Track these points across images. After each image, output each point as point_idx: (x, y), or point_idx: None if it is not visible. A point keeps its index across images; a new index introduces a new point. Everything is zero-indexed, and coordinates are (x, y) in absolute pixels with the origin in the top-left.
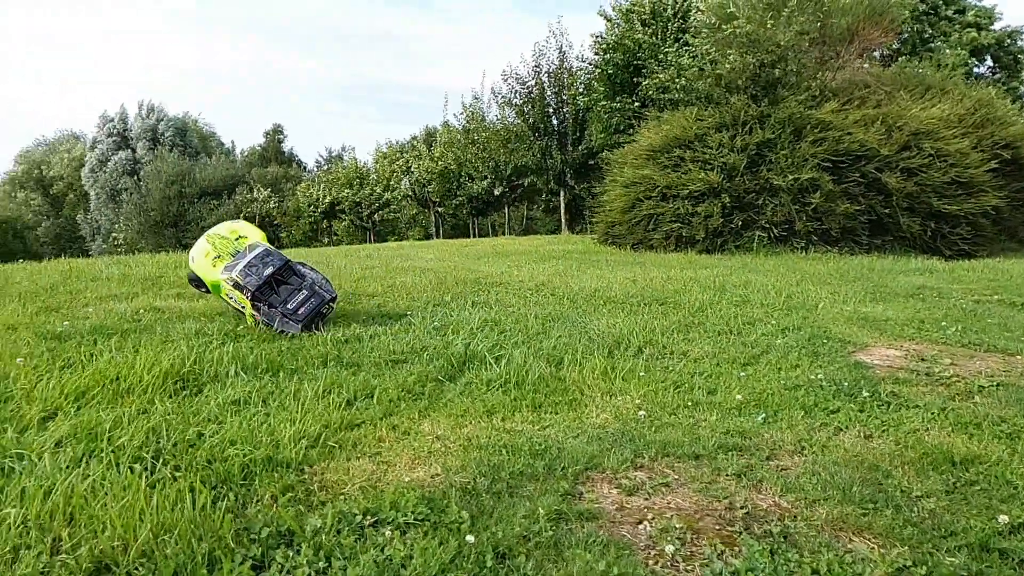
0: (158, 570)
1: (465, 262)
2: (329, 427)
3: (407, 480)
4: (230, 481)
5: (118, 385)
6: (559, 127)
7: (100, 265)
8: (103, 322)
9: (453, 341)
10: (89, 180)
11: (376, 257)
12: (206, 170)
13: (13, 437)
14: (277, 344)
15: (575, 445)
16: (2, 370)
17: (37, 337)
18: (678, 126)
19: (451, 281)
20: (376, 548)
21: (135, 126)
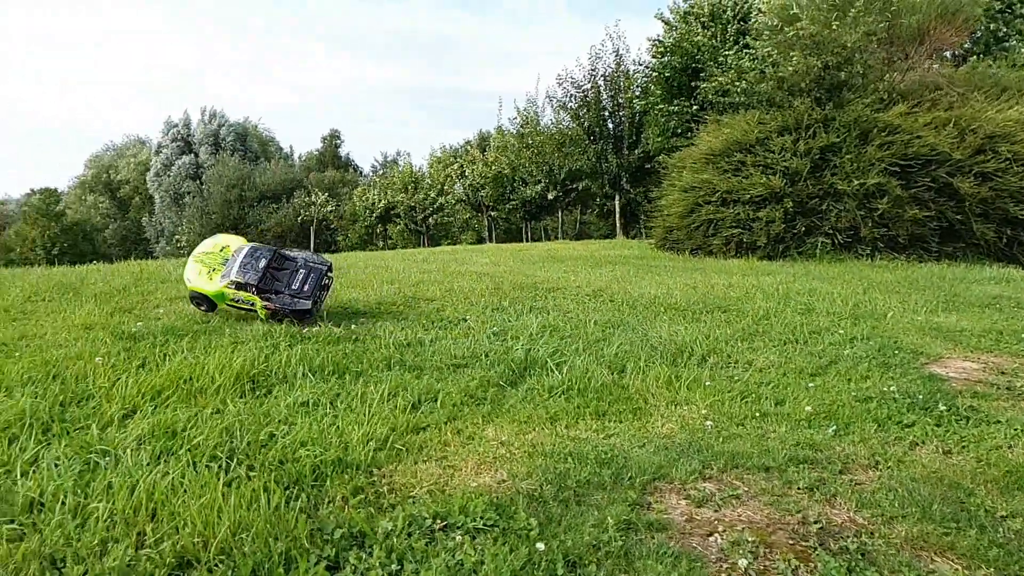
0: (237, 568)
1: (520, 267)
2: (396, 430)
3: (474, 485)
4: (302, 482)
5: (191, 385)
6: (615, 131)
7: (169, 267)
8: (174, 323)
9: (513, 346)
10: (154, 184)
11: (432, 261)
12: (265, 174)
13: (96, 433)
14: (342, 347)
15: (641, 455)
16: (82, 368)
17: (113, 337)
18: (739, 130)
19: (508, 286)
20: (447, 552)
21: (198, 131)
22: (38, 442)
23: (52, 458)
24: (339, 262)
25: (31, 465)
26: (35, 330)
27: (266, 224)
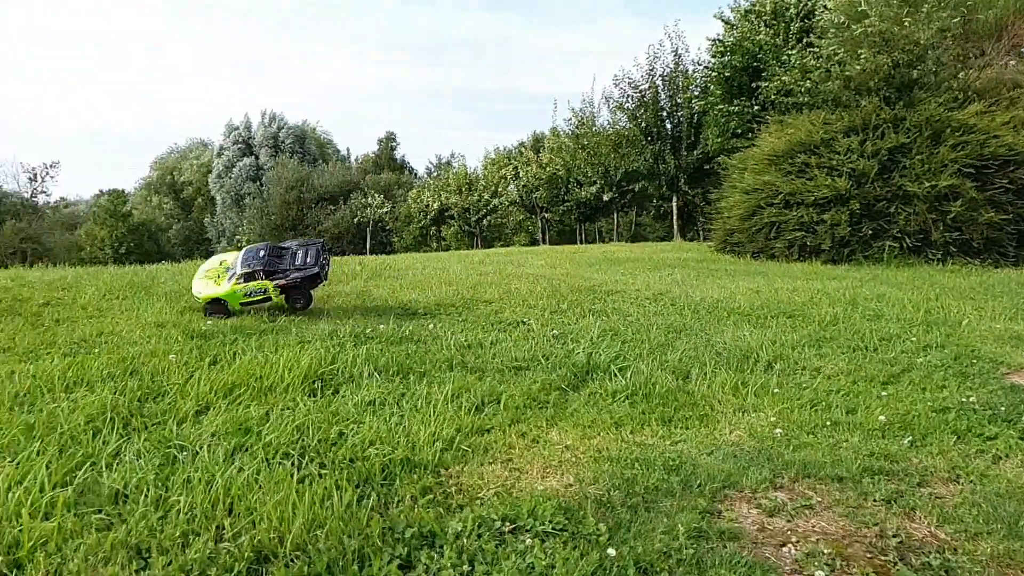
0: (313, 564)
1: (577, 269)
2: (461, 431)
3: (541, 489)
4: (371, 480)
5: (262, 383)
6: (673, 131)
7: None
8: (242, 322)
9: (574, 350)
10: (216, 185)
11: (488, 263)
12: (323, 176)
13: (173, 429)
14: (404, 347)
15: (710, 462)
16: (157, 365)
17: (184, 335)
18: (803, 130)
19: (565, 289)
20: (517, 555)
21: (258, 134)
22: (119, 436)
23: (133, 452)
24: (397, 263)
25: (113, 458)
26: (111, 327)
27: (324, 225)
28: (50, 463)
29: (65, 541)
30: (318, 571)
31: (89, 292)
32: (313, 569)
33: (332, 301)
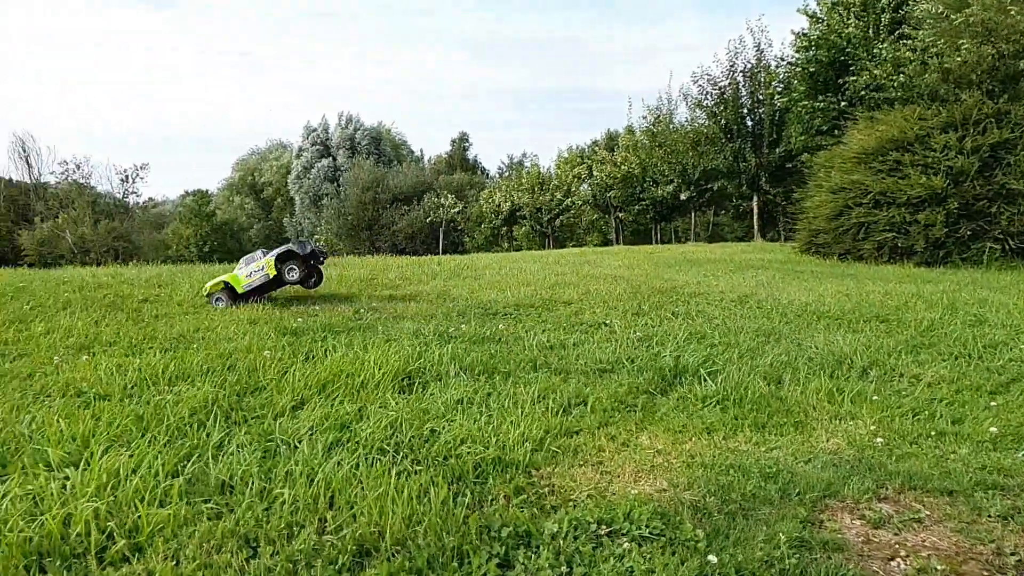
0: (413, 559)
1: (656, 270)
2: (549, 432)
3: (634, 493)
4: (465, 478)
5: (353, 380)
6: (754, 128)
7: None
8: (330, 320)
9: (660, 353)
10: (295, 186)
11: (563, 263)
12: (398, 177)
13: (272, 422)
14: (487, 347)
15: (808, 471)
16: (253, 361)
17: (276, 332)
18: (895, 127)
19: (646, 290)
20: (615, 558)
21: (335, 136)
22: (221, 428)
23: (236, 444)
24: (474, 263)
25: (217, 449)
26: (207, 323)
27: (398, 225)
28: (160, 453)
29: (180, 528)
30: (419, 566)
31: (183, 289)
32: (414, 564)
33: (413, 303)
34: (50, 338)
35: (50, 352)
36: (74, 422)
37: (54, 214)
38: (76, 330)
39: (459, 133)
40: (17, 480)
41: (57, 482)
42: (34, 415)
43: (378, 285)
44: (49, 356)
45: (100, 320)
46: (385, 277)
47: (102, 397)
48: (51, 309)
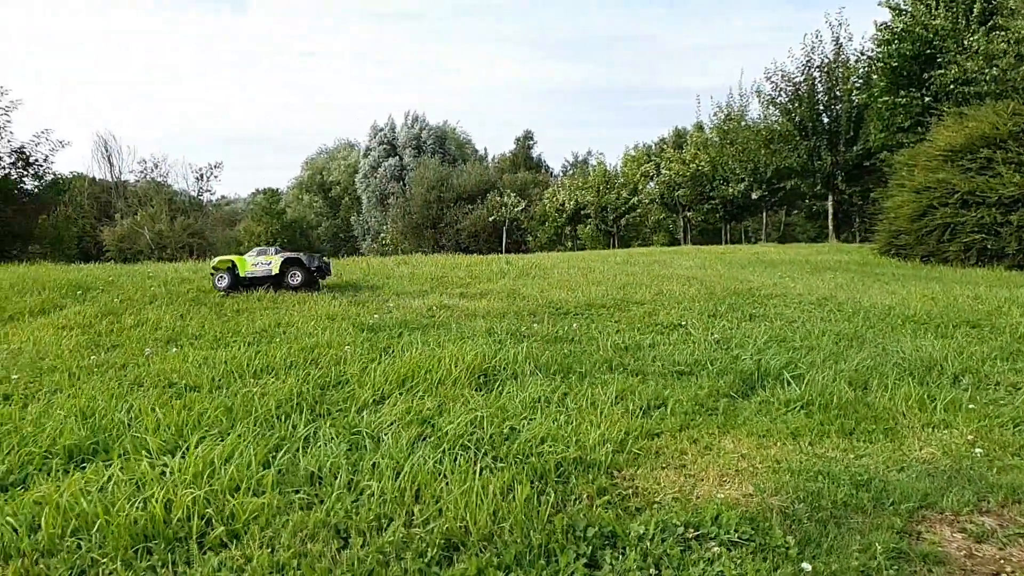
0: (500, 555)
1: (729, 271)
2: (630, 434)
3: (720, 497)
4: (547, 477)
5: (431, 376)
6: (830, 126)
7: (391, 264)
8: (405, 317)
9: (739, 356)
10: (362, 185)
11: (633, 263)
12: (462, 176)
13: (355, 416)
14: (561, 347)
15: (902, 480)
16: (334, 355)
17: (355, 328)
18: (987, 122)
19: (720, 291)
20: (704, 562)
21: (401, 135)
22: (307, 421)
23: (322, 436)
24: (543, 263)
25: (304, 441)
26: (287, 319)
27: (461, 224)
28: (251, 444)
29: (274, 517)
30: (506, 563)
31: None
32: (502, 560)
33: (483, 300)
34: (140, 331)
35: (140, 344)
36: (168, 412)
37: (133, 211)
38: (163, 323)
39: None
40: (119, 465)
41: (156, 469)
42: (131, 404)
43: (448, 283)
44: (140, 348)
45: (185, 314)
46: (455, 275)
47: (192, 388)
48: (139, 303)
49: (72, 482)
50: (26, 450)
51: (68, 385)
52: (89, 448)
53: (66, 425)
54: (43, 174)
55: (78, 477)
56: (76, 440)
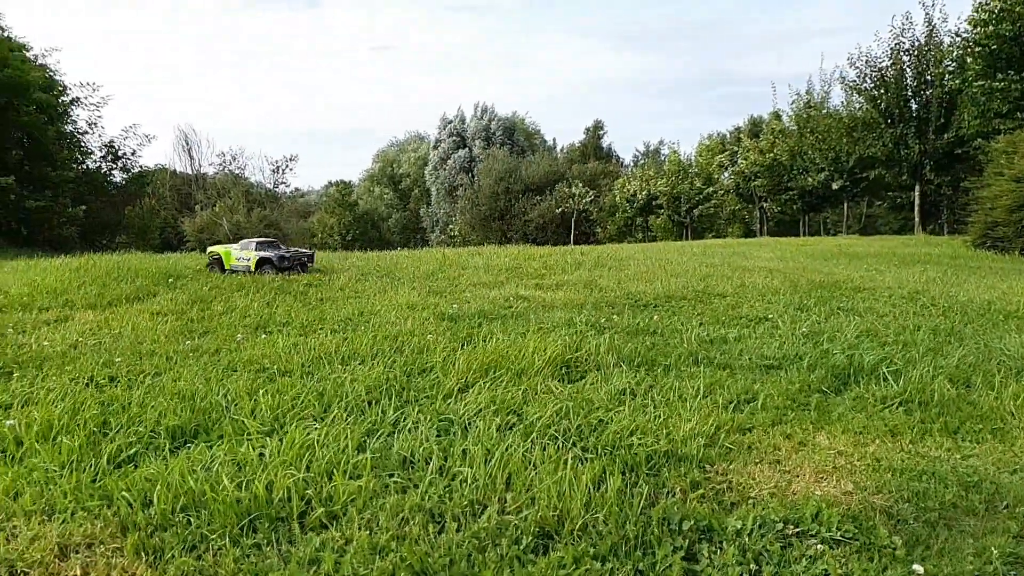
0: (595, 545)
1: (812, 263)
2: (720, 428)
3: (818, 494)
4: (637, 469)
5: (514, 366)
6: (919, 112)
7: (465, 255)
8: (483, 307)
9: (830, 350)
10: (431, 177)
11: (711, 255)
12: (530, 167)
13: (442, 403)
14: (642, 339)
15: (1016, 482)
16: (418, 344)
17: (436, 317)
18: None
19: (805, 284)
20: (807, 559)
21: (470, 126)
22: (396, 407)
23: (411, 422)
24: (618, 253)
25: (393, 427)
26: (369, 307)
27: (529, 215)
28: (344, 428)
29: (371, 500)
30: (602, 553)
31: (343, 275)
32: (597, 550)
33: (560, 291)
34: (229, 317)
35: (231, 330)
36: (263, 395)
37: (212, 202)
38: (251, 310)
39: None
40: (220, 446)
41: (255, 450)
42: (227, 388)
43: (523, 274)
44: (231, 334)
45: (272, 302)
46: (529, 266)
47: (284, 373)
48: (227, 290)
49: (179, 461)
50: (133, 429)
51: (167, 368)
52: (191, 429)
53: (169, 407)
54: (131, 167)
55: (184, 457)
56: (179, 421)
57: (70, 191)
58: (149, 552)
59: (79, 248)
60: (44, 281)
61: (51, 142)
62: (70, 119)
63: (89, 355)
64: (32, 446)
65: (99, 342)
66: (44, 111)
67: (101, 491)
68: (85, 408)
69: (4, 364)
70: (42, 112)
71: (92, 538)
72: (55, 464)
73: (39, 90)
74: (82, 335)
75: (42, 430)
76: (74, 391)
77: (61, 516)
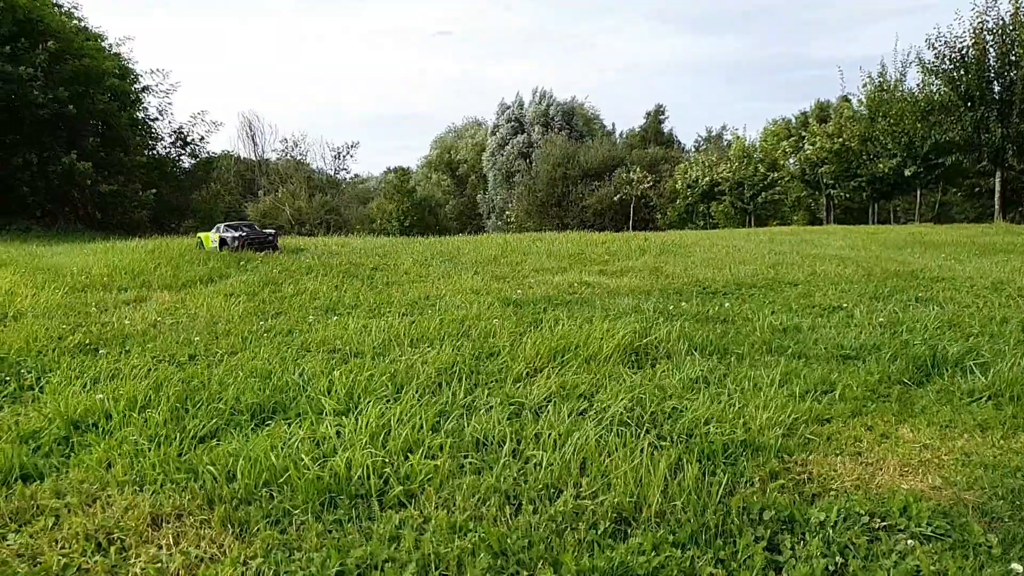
0: (674, 532)
1: (885, 251)
2: (798, 418)
3: (904, 487)
4: (714, 458)
5: (582, 352)
6: (1001, 95)
7: (527, 241)
8: (547, 292)
9: (910, 341)
10: (488, 163)
11: (779, 242)
12: (589, 152)
13: (511, 387)
14: (712, 327)
15: None
16: (484, 328)
17: (500, 302)
18: None
19: (880, 272)
20: (896, 554)
21: (529, 111)
22: (466, 390)
23: (482, 405)
24: (683, 240)
25: (464, 409)
26: (435, 291)
27: (587, 201)
28: (418, 409)
29: (446, 479)
30: (681, 540)
31: (407, 259)
32: (677, 538)
33: (626, 277)
34: (299, 299)
35: (302, 312)
36: (337, 376)
37: (275, 188)
38: (321, 293)
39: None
40: (298, 424)
41: (332, 428)
42: (302, 368)
43: (586, 260)
44: (302, 315)
45: (340, 285)
46: (592, 252)
47: (355, 354)
48: (296, 273)
49: (260, 438)
50: (214, 406)
51: (242, 348)
52: (269, 407)
53: (247, 385)
54: (199, 153)
55: (264, 434)
56: (257, 399)
57: (141, 176)
58: (235, 524)
59: (150, 231)
60: (122, 262)
61: (124, 128)
62: (142, 106)
63: (168, 334)
64: (121, 420)
65: (176, 322)
66: (118, 98)
67: (187, 465)
68: (168, 384)
69: (90, 341)
70: (115, 100)
71: (181, 509)
72: (143, 437)
73: (112, 77)
74: (160, 315)
75: (129, 404)
76: (156, 368)
77: (151, 487)
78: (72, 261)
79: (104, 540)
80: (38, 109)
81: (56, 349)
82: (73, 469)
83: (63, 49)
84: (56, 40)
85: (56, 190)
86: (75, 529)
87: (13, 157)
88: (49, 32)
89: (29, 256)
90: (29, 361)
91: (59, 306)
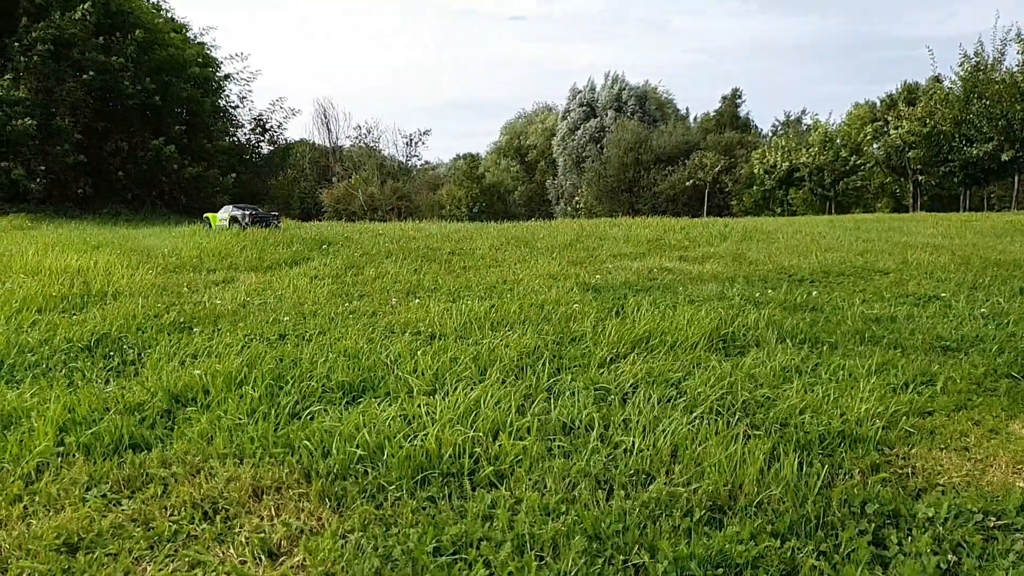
0: (773, 522)
1: (982, 240)
2: (898, 410)
3: (1020, 485)
4: (811, 448)
5: (667, 338)
6: None
7: (603, 226)
8: (627, 278)
9: (1017, 333)
10: (559, 148)
11: (866, 229)
12: (662, 137)
13: (596, 372)
14: (801, 315)
15: None
16: (564, 313)
17: (579, 287)
18: None
19: (978, 262)
20: (1015, 555)
21: (601, 96)
22: (550, 374)
23: (566, 389)
24: (764, 226)
25: (548, 392)
26: (512, 276)
27: (659, 187)
28: (504, 391)
29: (536, 462)
30: (780, 531)
31: (483, 245)
32: (775, 528)
33: (707, 263)
34: (381, 282)
35: (384, 295)
36: (422, 356)
37: (348, 174)
38: (401, 276)
39: (731, 89)
40: (388, 402)
41: (423, 408)
42: (388, 348)
43: (665, 246)
44: (384, 298)
45: (419, 269)
46: (671, 238)
47: (438, 336)
48: (376, 257)
49: (353, 415)
50: (306, 384)
51: (329, 328)
52: (359, 385)
53: (337, 364)
54: (276, 140)
55: (357, 411)
56: (347, 377)
57: (222, 161)
58: (332, 498)
59: None
60: (209, 245)
61: (207, 115)
62: (224, 94)
63: (257, 313)
64: (218, 395)
65: (264, 302)
66: (200, 86)
67: (284, 439)
68: (261, 362)
69: (184, 319)
70: (198, 87)
71: (280, 482)
72: (240, 412)
73: (195, 66)
74: (248, 295)
75: (226, 381)
76: (248, 346)
77: (250, 460)
78: (162, 243)
79: (210, 509)
80: (128, 99)
81: (153, 327)
82: (177, 441)
83: (150, 39)
84: (144, 30)
85: (144, 175)
86: (182, 497)
87: (105, 144)
88: (139, 24)
89: (122, 238)
90: (130, 337)
91: (153, 286)
